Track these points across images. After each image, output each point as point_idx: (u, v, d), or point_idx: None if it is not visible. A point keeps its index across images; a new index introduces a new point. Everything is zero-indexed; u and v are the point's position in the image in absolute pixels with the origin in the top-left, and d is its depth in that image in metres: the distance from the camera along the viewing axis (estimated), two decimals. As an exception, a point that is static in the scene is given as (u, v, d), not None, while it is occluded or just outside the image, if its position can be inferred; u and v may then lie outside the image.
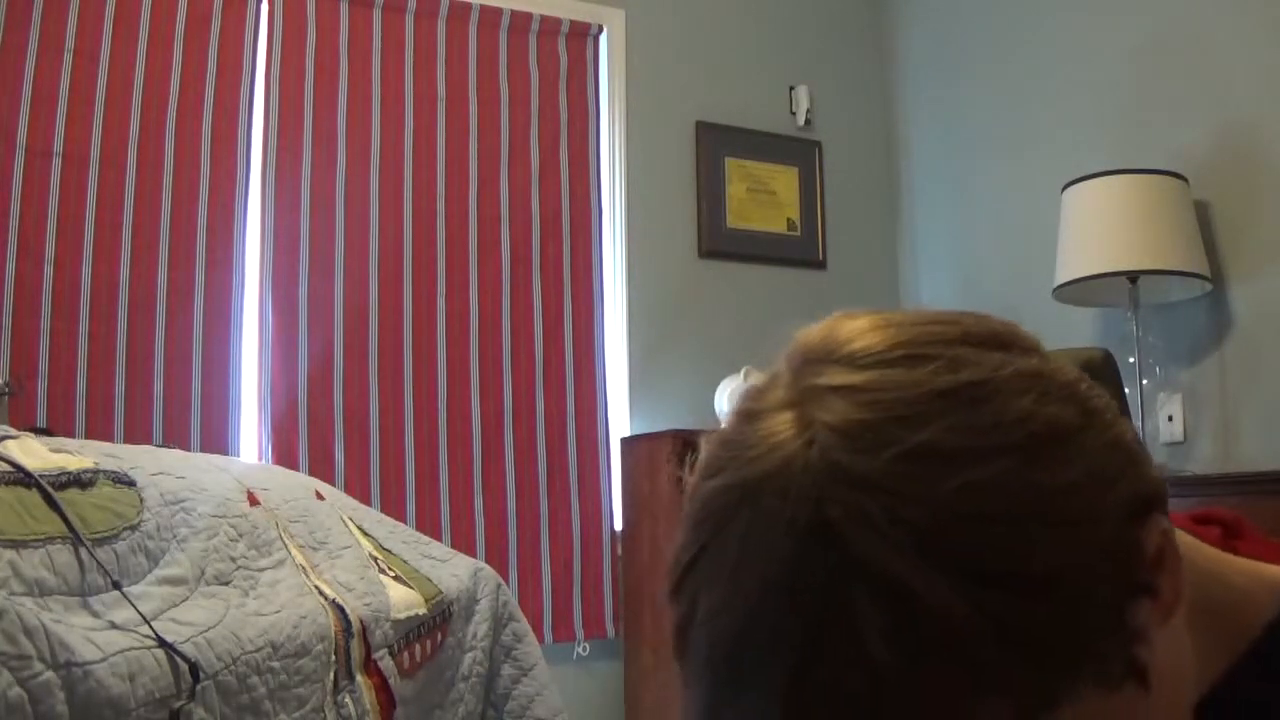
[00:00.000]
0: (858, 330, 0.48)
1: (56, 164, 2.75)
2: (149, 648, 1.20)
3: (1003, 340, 0.47)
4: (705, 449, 0.49)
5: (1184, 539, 0.54)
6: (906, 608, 0.40)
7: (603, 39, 3.57)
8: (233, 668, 1.31)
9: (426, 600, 1.81)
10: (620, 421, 3.42)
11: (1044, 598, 0.41)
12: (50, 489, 1.30)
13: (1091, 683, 0.42)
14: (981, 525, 0.41)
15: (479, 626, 1.94)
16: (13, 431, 1.45)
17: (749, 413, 0.47)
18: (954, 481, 0.41)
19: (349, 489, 2.81)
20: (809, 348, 0.48)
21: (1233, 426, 2.74)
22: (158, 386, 2.81)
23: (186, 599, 1.36)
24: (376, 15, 3.22)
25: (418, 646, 1.75)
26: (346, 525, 1.88)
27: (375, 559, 1.83)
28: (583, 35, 3.52)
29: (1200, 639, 0.52)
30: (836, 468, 0.42)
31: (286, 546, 1.64)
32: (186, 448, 2.62)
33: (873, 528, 0.41)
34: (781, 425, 0.45)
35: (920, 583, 0.40)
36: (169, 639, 1.23)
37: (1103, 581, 0.43)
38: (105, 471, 1.43)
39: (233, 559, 1.49)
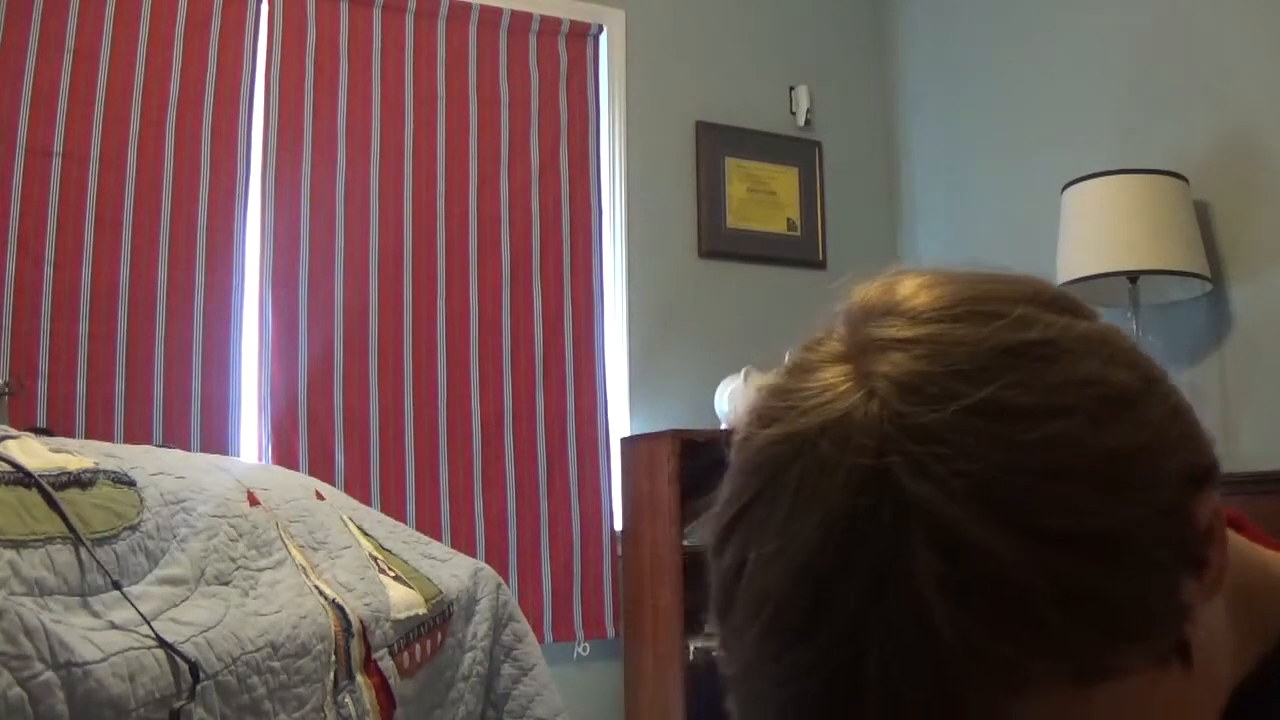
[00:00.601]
0: (918, 286, 0.47)
1: (56, 164, 2.75)
2: (149, 648, 1.20)
3: (1066, 304, 0.47)
4: (756, 399, 0.48)
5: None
6: (964, 559, 0.40)
7: (603, 39, 3.57)
8: (233, 668, 1.31)
9: (426, 600, 1.81)
10: (620, 421, 3.42)
11: (1101, 558, 0.41)
12: (50, 489, 1.30)
13: (1143, 654, 0.42)
14: (1042, 482, 0.41)
15: (479, 626, 1.94)
16: (13, 431, 1.45)
17: (804, 364, 0.47)
18: (1017, 438, 0.41)
19: (349, 489, 2.81)
20: (867, 302, 0.48)
21: (1232, 426, 2.74)
22: (158, 386, 2.81)
23: (186, 599, 1.36)
24: (376, 15, 3.22)
25: (418, 646, 1.75)
26: (346, 525, 1.88)
27: (375, 559, 1.83)
28: (583, 35, 3.52)
29: (1234, 620, 0.51)
30: (898, 419, 0.42)
31: (286, 546, 1.64)
32: (186, 448, 2.62)
33: (933, 479, 0.40)
34: (839, 377, 0.44)
35: (979, 534, 0.40)
36: (169, 639, 1.23)
37: (1158, 549, 0.42)
38: (105, 471, 1.43)
39: (233, 559, 1.49)
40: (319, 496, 1.91)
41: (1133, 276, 2.69)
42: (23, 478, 1.29)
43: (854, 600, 0.40)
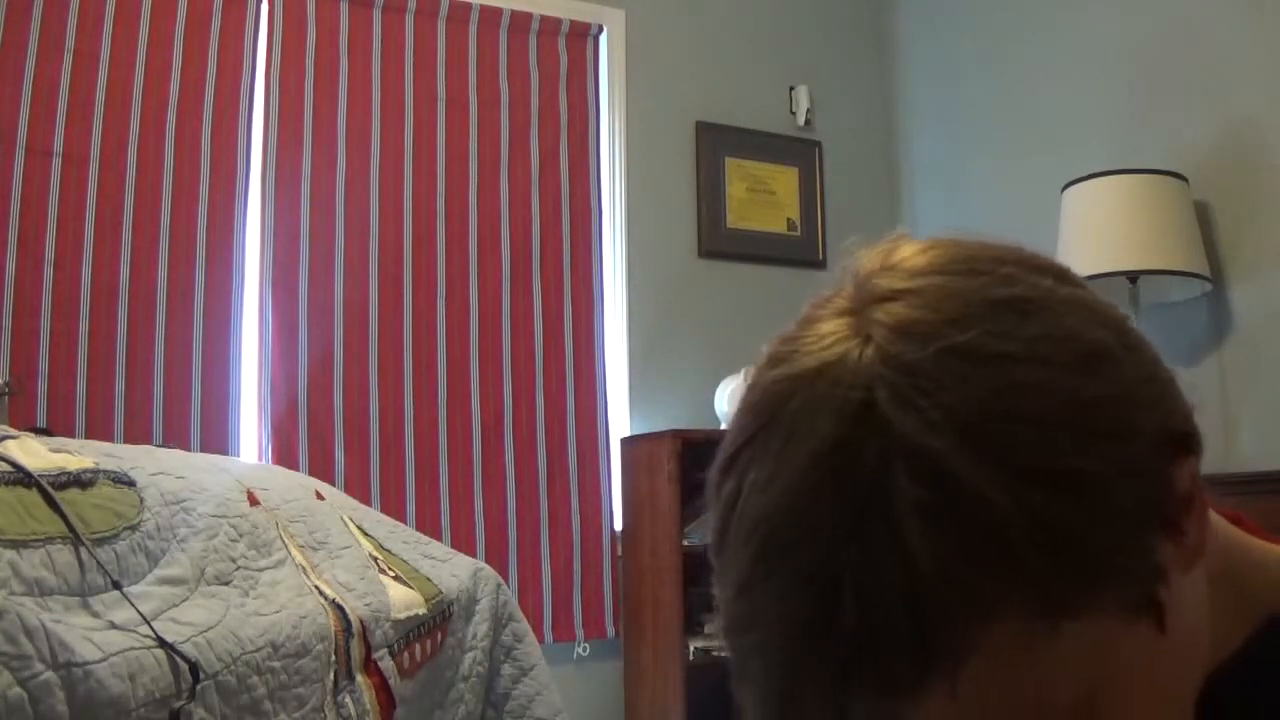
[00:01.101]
0: (916, 250, 0.51)
1: (56, 164, 2.75)
2: (149, 648, 1.20)
3: (1056, 271, 0.50)
4: (767, 347, 0.52)
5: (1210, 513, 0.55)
6: (942, 486, 0.42)
7: (603, 39, 3.57)
8: (233, 668, 1.31)
9: (426, 600, 1.81)
10: (620, 421, 3.42)
11: (1074, 498, 0.43)
12: (50, 489, 1.30)
13: (1112, 602, 0.44)
14: (1018, 422, 0.43)
15: (479, 626, 1.94)
16: (13, 431, 1.45)
17: (812, 317, 0.50)
18: (994, 380, 0.44)
19: (349, 489, 2.81)
20: (871, 262, 0.52)
21: (1232, 426, 2.74)
22: (158, 386, 2.81)
23: (186, 599, 1.36)
24: (376, 15, 3.22)
25: (418, 646, 1.75)
26: (346, 525, 1.88)
27: (375, 559, 1.83)
28: (583, 35, 3.52)
29: (1224, 604, 0.53)
30: (887, 357, 0.45)
31: (286, 546, 1.64)
32: (186, 448, 2.62)
33: (916, 410, 0.43)
34: (841, 326, 0.48)
35: (958, 464, 0.42)
36: (169, 639, 1.23)
37: (1130, 500, 0.44)
38: (105, 471, 1.43)
39: (233, 559, 1.49)
40: (319, 496, 1.91)
41: (1133, 276, 2.69)
42: (23, 478, 1.29)
43: (838, 523, 0.43)
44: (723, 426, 3.27)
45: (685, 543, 3.00)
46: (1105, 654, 0.44)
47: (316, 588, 1.60)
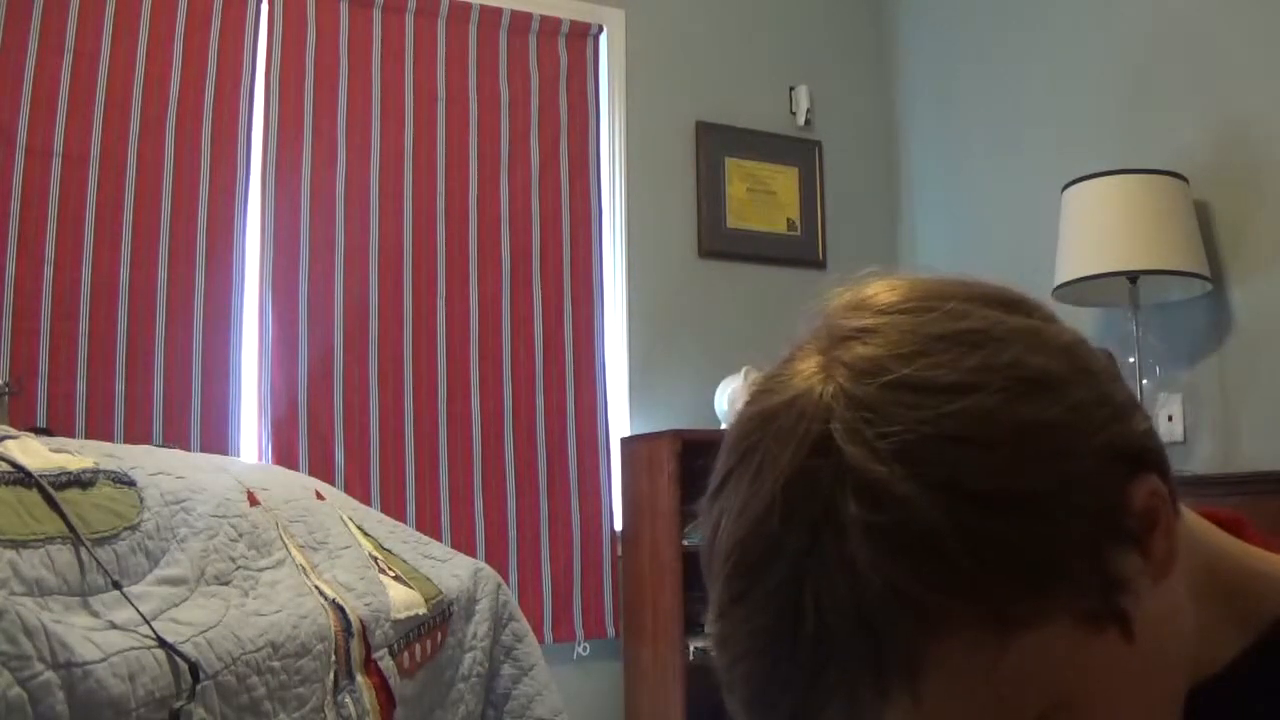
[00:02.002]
0: (882, 287, 0.55)
1: (56, 164, 2.75)
2: (149, 648, 1.20)
3: (1006, 302, 0.53)
4: (750, 385, 0.55)
5: (1200, 522, 0.57)
6: (886, 509, 0.45)
7: (603, 39, 3.57)
8: (233, 668, 1.31)
9: (426, 600, 1.81)
10: (620, 421, 3.42)
11: (1014, 515, 0.45)
12: (50, 489, 1.30)
13: (1066, 613, 0.46)
14: (956, 446, 0.46)
15: (479, 626, 1.94)
16: (13, 431, 1.45)
17: (790, 356, 0.54)
18: (935, 409, 0.47)
19: (349, 489, 2.81)
20: (842, 301, 0.55)
21: (1233, 426, 2.74)
22: (158, 386, 2.81)
23: (186, 599, 1.36)
24: (376, 15, 3.22)
25: (418, 646, 1.75)
26: (346, 525, 1.88)
27: (375, 559, 1.83)
28: (583, 35, 3.52)
29: (1217, 615, 0.54)
30: (843, 394, 0.48)
31: (286, 546, 1.64)
32: (186, 448, 2.62)
33: (863, 441, 0.46)
34: (810, 365, 0.51)
35: (898, 487, 0.45)
36: (169, 639, 1.23)
37: (1076, 515, 0.47)
38: (105, 471, 1.43)
39: (233, 559, 1.49)
40: (319, 496, 1.92)
41: (1133, 276, 2.69)
42: (23, 478, 1.29)
43: (797, 546, 0.46)
44: (723, 426, 3.27)
45: (685, 543, 3.00)
46: (1071, 664, 0.46)
47: (316, 588, 1.60)
